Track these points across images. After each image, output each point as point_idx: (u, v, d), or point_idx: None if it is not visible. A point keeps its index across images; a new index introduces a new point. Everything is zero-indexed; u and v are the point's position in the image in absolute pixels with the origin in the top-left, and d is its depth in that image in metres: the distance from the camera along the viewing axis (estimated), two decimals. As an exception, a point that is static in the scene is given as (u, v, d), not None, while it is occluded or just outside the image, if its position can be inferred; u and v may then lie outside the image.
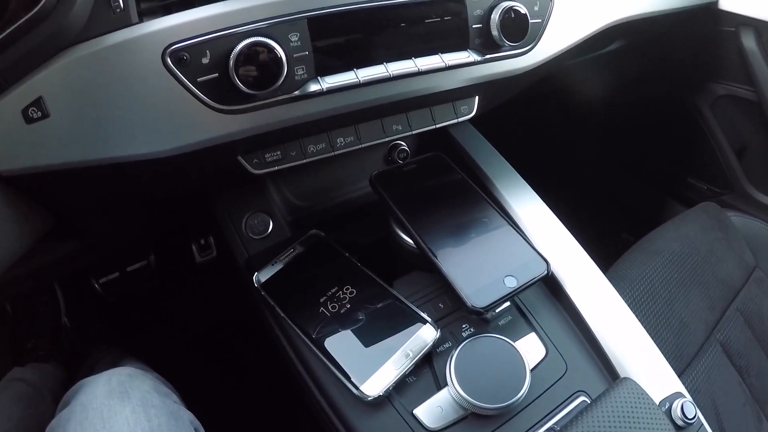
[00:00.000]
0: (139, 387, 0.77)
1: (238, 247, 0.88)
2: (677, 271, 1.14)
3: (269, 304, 0.79)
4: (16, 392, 1.10)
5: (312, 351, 0.74)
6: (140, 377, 0.80)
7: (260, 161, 0.81)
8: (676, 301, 1.09)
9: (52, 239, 0.87)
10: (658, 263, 1.14)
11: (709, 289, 1.14)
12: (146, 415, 0.72)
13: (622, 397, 0.65)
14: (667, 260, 1.15)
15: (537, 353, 0.76)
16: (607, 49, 1.32)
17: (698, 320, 1.09)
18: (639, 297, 1.07)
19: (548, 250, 0.79)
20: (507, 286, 0.73)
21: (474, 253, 0.77)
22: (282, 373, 0.82)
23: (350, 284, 0.79)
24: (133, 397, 0.74)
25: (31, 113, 0.61)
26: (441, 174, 0.89)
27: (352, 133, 0.86)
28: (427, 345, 0.72)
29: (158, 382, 0.83)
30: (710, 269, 1.18)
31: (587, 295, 0.81)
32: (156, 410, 0.74)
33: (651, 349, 0.78)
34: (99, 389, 0.75)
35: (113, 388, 0.75)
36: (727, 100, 1.50)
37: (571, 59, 1.08)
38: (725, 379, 1.06)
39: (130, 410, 0.72)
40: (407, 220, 0.79)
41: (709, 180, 1.69)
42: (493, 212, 0.83)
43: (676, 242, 1.19)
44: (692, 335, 1.07)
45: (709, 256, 1.19)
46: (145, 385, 0.78)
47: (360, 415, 0.69)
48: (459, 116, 0.95)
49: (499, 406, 0.65)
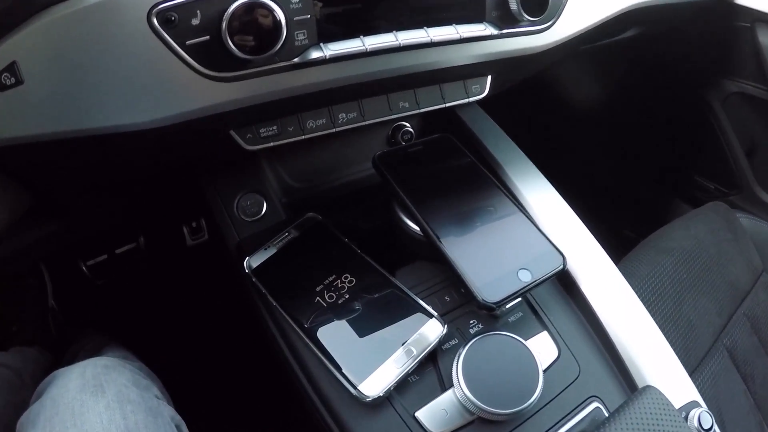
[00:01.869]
0: (116, 380, 0.72)
1: (229, 229, 0.83)
2: (686, 271, 1.11)
3: (260, 291, 0.73)
4: None
5: (306, 345, 0.69)
6: (118, 369, 0.75)
7: (254, 136, 0.75)
8: (685, 302, 1.06)
9: (33, 218, 0.83)
10: (668, 262, 1.11)
11: (718, 292, 1.12)
12: (122, 412, 0.67)
13: (646, 407, 0.60)
14: (677, 259, 1.12)
15: (549, 354, 0.72)
16: (620, 37, 1.29)
17: (706, 323, 1.06)
18: (648, 296, 1.04)
19: (561, 243, 0.74)
20: (521, 281, 0.68)
21: (485, 242, 0.72)
22: (274, 367, 0.77)
23: (349, 273, 0.73)
24: (108, 391, 0.69)
25: (3, 80, 0.57)
26: (449, 156, 0.83)
27: (355, 109, 0.80)
28: (432, 342, 0.66)
29: (138, 374, 0.78)
30: (719, 271, 1.15)
31: (602, 293, 0.76)
32: (133, 406, 0.69)
33: (668, 355, 0.74)
34: (72, 382, 0.70)
35: (87, 381, 0.70)
36: (739, 98, 1.46)
37: (585, 44, 1.05)
38: (730, 386, 1.03)
39: (104, 406, 0.67)
40: (413, 204, 0.74)
41: (717, 179, 1.65)
42: (506, 199, 0.78)
43: (686, 241, 1.17)
44: (699, 339, 1.04)
45: (718, 257, 1.17)
46: (123, 378, 0.73)
47: (357, 416, 0.64)
48: (470, 96, 0.89)
49: (510, 411, 0.60)
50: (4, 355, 1.13)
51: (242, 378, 1.49)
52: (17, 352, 1.17)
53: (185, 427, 0.78)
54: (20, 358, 1.14)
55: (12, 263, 0.89)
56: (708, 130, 1.58)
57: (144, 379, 0.78)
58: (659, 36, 1.39)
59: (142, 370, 0.84)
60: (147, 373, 0.86)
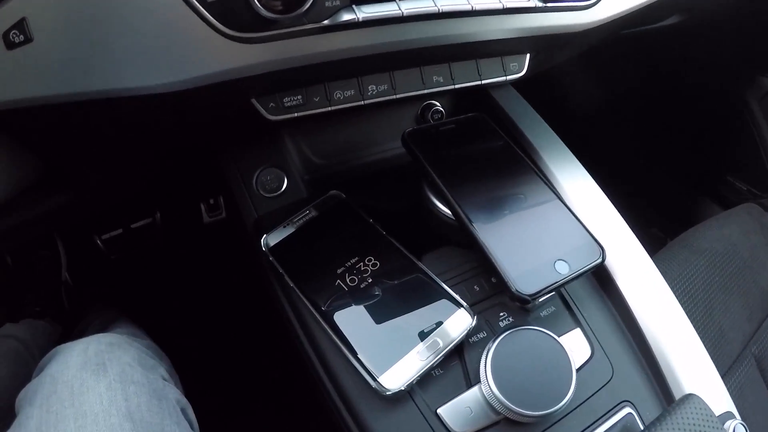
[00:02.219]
0: (120, 359, 0.69)
1: (247, 204, 0.78)
2: (719, 274, 1.08)
3: (277, 271, 0.69)
4: (5, 350, 1.04)
5: (323, 331, 0.64)
6: (123, 347, 0.72)
7: (277, 106, 0.70)
8: (716, 306, 1.03)
9: (44, 189, 0.79)
10: (701, 264, 1.08)
11: (749, 298, 1.08)
12: (124, 393, 0.64)
13: (689, 417, 0.55)
14: (709, 261, 1.08)
15: (582, 353, 0.67)
16: (660, 25, 1.24)
17: (736, 330, 1.03)
18: (680, 297, 0.99)
19: (599, 235, 0.69)
20: (558, 273, 0.63)
21: (520, 230, 0.67)
22: (288, 352, 0.73)
23: (373, 255, 0.68)
24: (110, 370, 0.66)
25: (12, 37, 0.53)
26: (483, 137, 0.78)
27: (387, 81, 0.76)
28: (460, 334, 0.61)
29: (145, 353, 0.75)
30: (751, 276, 1.11)
31: (640, 291, 0.71)
32: (136, 387, 0.66)
33: (705, 361, 0.70)
34: (73, 359, 0.67)
35: (89, 358, 0.67)
36: (778, 96, 1.40)
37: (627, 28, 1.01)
38: (756, 397, 1.00)
39: (105, 386, 0.64)
40: (444, 185, 0.69)
41: (750, 180, 1.61)
42: (543, 185, 0.73)
43: (718, 243, 1.13)
44: (729, 345, 1.01)
45: (750, 261, 1.13)
46: (127, 357, 0.70)
47: (374, 410, 0.60)
48: (508, 74, 0.85)
49: (540, 413, 0.56)
50: (13, 326, 1.12)
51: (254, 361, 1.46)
52: (27, 323, 1.16)
53: (191, 411, 0.75)
54: (30, 330, 1.13)
55: (23, 234, 0.87)
56: (743, 129, 1.53)
57: (151, 358, 0.75)
58: (697, 28, 1.33)
59: (150, 349, 0.81)
60: (155, 351, 0.83)
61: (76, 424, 0.59)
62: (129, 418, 0.61)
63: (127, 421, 0.61)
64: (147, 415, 0.63)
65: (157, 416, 0.65)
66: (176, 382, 0.82)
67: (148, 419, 0.63)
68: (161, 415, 0.65)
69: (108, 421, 0.60)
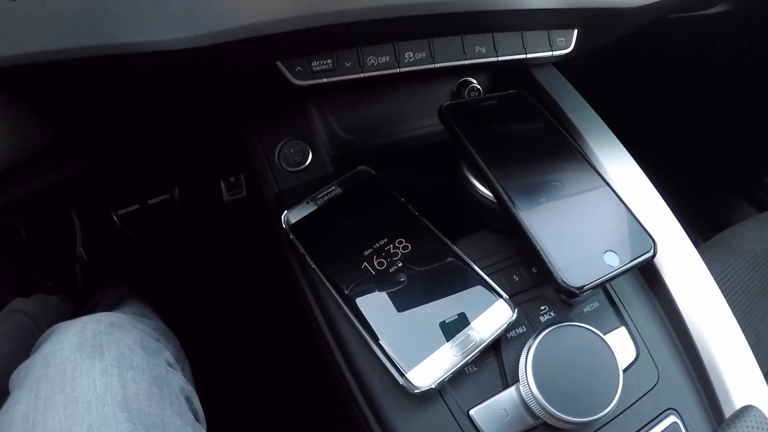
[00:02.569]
0: (120, 341, 0.64)
1: (268, 178, 0.73)
2: (758, 277, 1.02)
3: (298, 251, 0.63)
4: (12, 325, 1.01)
5: (347, 318, 0.59)
6: (125, 328, 0.67)
7: (305, 70, 0.65)
8: (753, 311, 0.97)
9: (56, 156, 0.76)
10: (740, 265, 1.02)
11: None
12: (121, 379, 0.59)
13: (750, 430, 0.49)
14: (748, 263, 1.03)
15: (627, 354, 0.62)
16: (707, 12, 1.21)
17: None
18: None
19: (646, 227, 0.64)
20: (608, 265, 0.57)
21: (567, 216, 0.61)
22: (307, 341, 0.68)
23: (404, 237, 0.62)
24: (107, 354, 0.61)
25: None
26: (526, 116, 0.73)
27: (425, 49, 0.70)
28: (499, 327, 0.56)
29: (150, 335, 0.71)
30: None
31: (688, 290, 0.66)
32: (135, 373, 0.61)
33: (753, 370, 0.64)
34: (68, 340, 0.62)
35: (85, 340, 0.62)
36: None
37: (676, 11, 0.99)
38: None
39: (100, 371, 0.59)
40: (485, 164, 0.63)
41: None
42: (590, 170, 0.67)
43: (758, 244, 1.07)
44: (765, 352, 0.95)
45: None
46: (129, 339, 0.65)
47: (401, 409, 0.55)
48: (554, 49, 0.79)
49: (584, 420, 0.51)
50: (24, 301, 1.09)
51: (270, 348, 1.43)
52: (38, 299, 1.14)
53: (197, 400, 0.70)
54: (40, 305, 1.10)
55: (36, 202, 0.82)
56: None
57: (155, 341, 0.70)
58: (745, 18, 1.28)
59: (157, 330, 0.77)
60: (163, 333, 0.79)
61: (66, 412, 0.55)
62: (125, 407, 0.57)
63: (122, 410, 0.56)
64: (145, 404, 0.59)
65: (156, 405, 0.60)
66: (183, 365, 0.78)
67: (147, 409, 0.58)
68: (161, 404, 0.60)
69: (101, 410, 0.55)
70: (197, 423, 0.67)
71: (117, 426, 0.55)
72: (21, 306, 1.06)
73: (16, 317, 1.03)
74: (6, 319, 1.02)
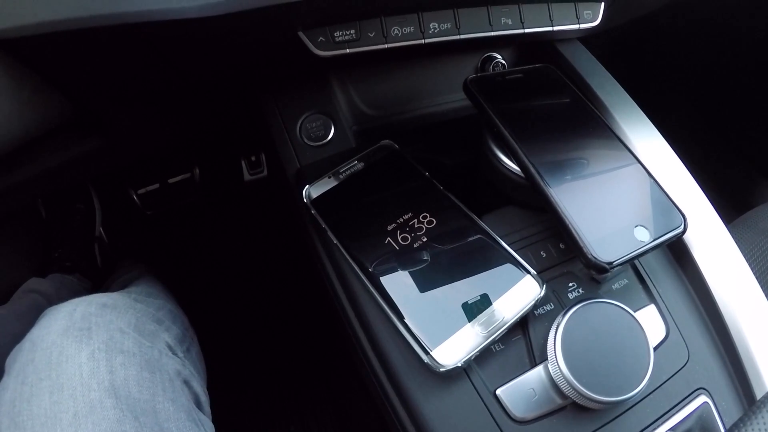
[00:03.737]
0: (111, 323, 0.62)
1: (290, 153, 0.71)
2: None
3: (320, 226, 0.62)
4: (26, 305, 0.99)
5: (369, 295, 0.57)
6: (119, 309, 0.66)
7: (327, 40, 0.63)
8: None
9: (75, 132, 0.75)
10: (766, 245, 0.99)
11: None
12: (109, 364, 0.57)
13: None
14: None
15: (656, 333, 0.61)
16: None
17: None
18: None
19: (676, 202, 0.63)
20: (638, 240, 0.56)
21: (596, 191, 0.60)
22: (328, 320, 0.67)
23: (429, 212, 0.61)
24: (96, 337, 0.59)
25: None
26: (553, 90, 0.71)
27: (450, 19, 0.68)
28: (527, 304, 0.54)
29: (148, 317, 0.69)
30: None
31: (718, 267, 0.65)
32: (125, 357, 0.59)
33: None
34: (56, 323, 0.61)
35: (74, 323, 0.61)
36: None
37: None
38: None
39: (87, 355, 0.57)
40: (513, 138, 0.61)
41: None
42: (618, 144, 0.65)
43: None
44: None
45: None
46: (121, 321, 0.63)
47: (425, 388, 0.54)
48: (581, 22, 0.78)
49: (615, 399, 0.50)
50: (39, 281, 1.08)
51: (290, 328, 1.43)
52: (54, 278, 1.12)
53: (198, 383, 0.69)
54: (56, 284, 1.09)
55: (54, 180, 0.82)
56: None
57: (153, 322, 0.69)
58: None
59: (162, 309, 0.75)
60: (168, 313, 0.77)
61: (51, 398, 0.53)
62: (112, 393, 0.55)
63: (109, 396, 0.55)
64: (135, 389, 0.57)
65: (147, 391, 0.58)
66: (189, 346, 0.77)
67: (136, 395, 0.57)
68: (152, 389, 0.59)
69: (87, 396, 0.54)
70: (196, 409, 0.65)
71: (104, 413, 0.53)
72: (36, 286, 1.05)
73: (30, 297, 1.01)
74: (20, 299, 1.01)
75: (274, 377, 1.35)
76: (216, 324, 0.89)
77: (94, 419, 0.53)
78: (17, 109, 0.60)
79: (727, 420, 0.57)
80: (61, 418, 0.52)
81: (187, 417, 0.61)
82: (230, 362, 0.78)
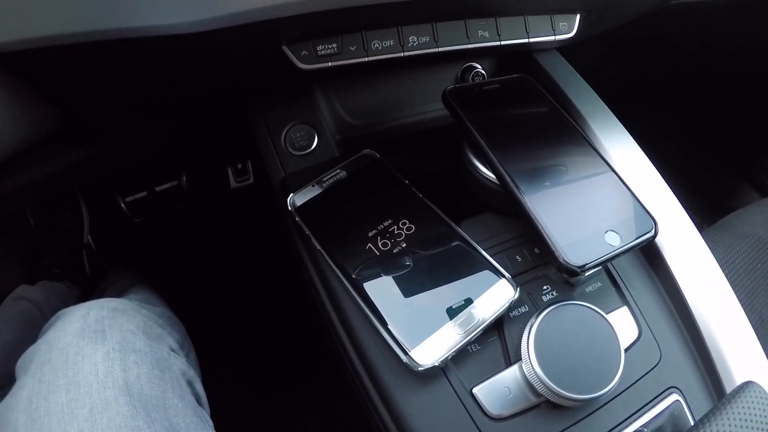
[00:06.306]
0: (122, 326, 0.64)
1: (274, 162, 0.73)
2: (761, 261, 1.02)
3: (304, 233, 0.64)
4: (15, 312, 1.02)
5: (351, 298, 0.60)
6: (128, 313, 0.68)
7: (310, 54, 0.65)
8: (757, 294, 0.98)
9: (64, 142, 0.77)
10: (744, 249, 1.03)
11: None
12: (122, 363, 0.59)
13: (749, 406, 0.50)
14: (752, 247, 1.03)
15: (629, 334, 0.63)
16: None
17: None
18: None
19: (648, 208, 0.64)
20: (609, 244, 0.58)
21: (569, 197, 0.62)
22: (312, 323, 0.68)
23: (408, 218, 0.63)
24: (110, 338, 0.62)
25: None
26: (529, 100, 0.73)
27: (429, 33, 0.70)
28: (501, 306, 0.56)
29: (153, 321, 0.71)
30: None
31: (690, 270, 0.67)
32: (137, 357, 0.61)
33: (756, 350, 0.65)
34: (71, 325, 0.63)
35: (88, 325, 0.63)
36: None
37: None
38: None
39: (102, 355, 0.59)
40: (489, 147, 0.63)
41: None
42: (591, 152, 0.67)
43: (761, 228, 1.07)
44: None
45: None
46: (131, 324, 0.66)
47: (404, 387, 0.56)
48: (557, 34, 0.79)
49: (586, 397, 0.52)
50: (29, 288, 1.09)
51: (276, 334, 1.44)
52: (44, 286, 1.13)
53: (200, 385, 0.71)
54: (45, 292, 1.10)
55: (44, 189, 0.84)
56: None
57: (158, 327, 0.71)
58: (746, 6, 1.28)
59: (162, 317, 0.77)
60: (167, 320, 0.79)
61: (68, 396, 0.55)
62: (126, 390, 0.57)
63: (123, 394, 0.57)
64: (147, 387, 0.59)
65: (158, 389, 0.60)
66: (188, 352, 0.79)
67: (148, 392, 0.59)
68: (163, 387, 0.61)
69: (102, 393, 0.56)
70: (199, 406, 0.68)
71: (118, 409, 0.55)
72: (25, 293, 1.06)
73: (19, 304, 1.03)
74: (10, 306, 1.02)
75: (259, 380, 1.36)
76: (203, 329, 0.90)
77: (109, 415, 0.55)
78: (10, 120, 0.62)
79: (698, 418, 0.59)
80: (77, 414, 0.54)
81: (193, 413, 0.63)
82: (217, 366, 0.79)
